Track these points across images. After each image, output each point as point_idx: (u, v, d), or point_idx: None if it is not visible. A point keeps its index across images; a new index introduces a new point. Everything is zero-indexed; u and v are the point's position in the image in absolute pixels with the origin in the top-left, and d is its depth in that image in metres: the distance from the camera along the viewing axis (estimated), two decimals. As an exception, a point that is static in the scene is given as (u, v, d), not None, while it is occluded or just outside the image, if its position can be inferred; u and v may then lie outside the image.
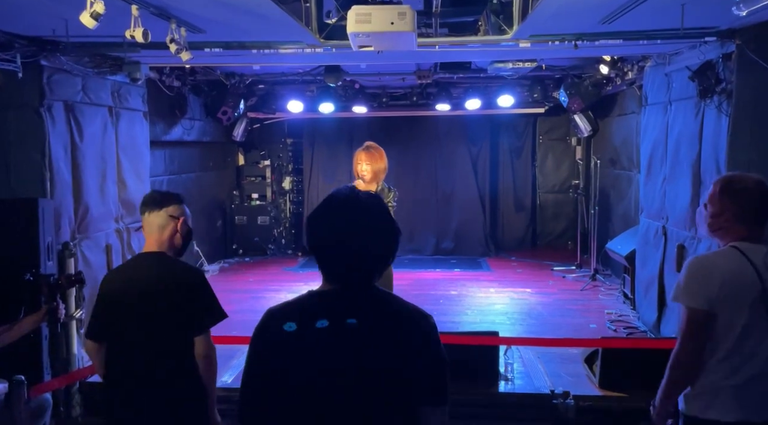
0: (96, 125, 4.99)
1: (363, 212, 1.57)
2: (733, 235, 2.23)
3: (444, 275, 8.28)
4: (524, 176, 9.94)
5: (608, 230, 7.95)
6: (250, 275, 8.24)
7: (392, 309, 1.57)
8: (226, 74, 7.20)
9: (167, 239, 2.49)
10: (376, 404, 1.50)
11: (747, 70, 3.93)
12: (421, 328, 1.54)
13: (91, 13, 2.59)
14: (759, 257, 2.18)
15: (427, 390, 1.52)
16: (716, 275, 2.15)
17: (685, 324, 2.19)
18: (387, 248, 1.60)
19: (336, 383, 1.50)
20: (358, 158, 4.49)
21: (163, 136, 7.09)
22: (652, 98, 5.71)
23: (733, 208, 2.21)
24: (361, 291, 1.57)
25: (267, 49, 4.50)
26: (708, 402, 2.18)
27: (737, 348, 2.15)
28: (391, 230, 1.60)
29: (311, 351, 1.51)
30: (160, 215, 2.49)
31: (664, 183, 5.37)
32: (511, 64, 5.77)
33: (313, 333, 1.53)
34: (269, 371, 1.53)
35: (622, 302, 6.67)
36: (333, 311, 1.55)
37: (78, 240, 4.67)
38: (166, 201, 2.52)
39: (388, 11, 2.84)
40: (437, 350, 1.54)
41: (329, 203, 1.62)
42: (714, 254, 2.25)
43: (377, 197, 1.64)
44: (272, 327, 1.56)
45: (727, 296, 2.14)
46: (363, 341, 1.51)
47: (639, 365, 4.14)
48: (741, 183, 2.26)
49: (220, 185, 9.32)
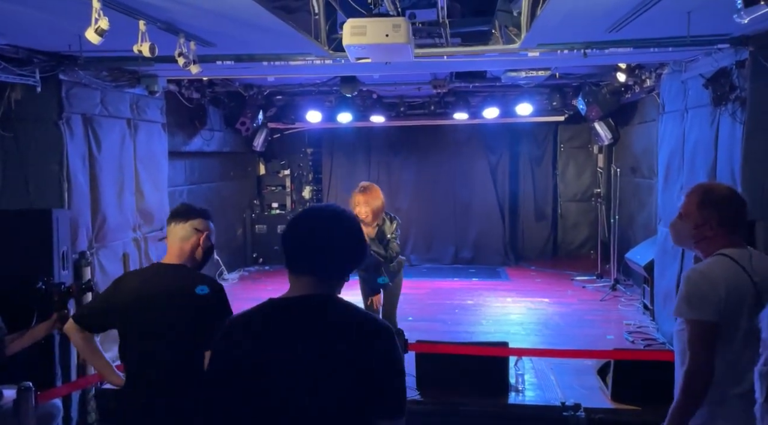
0: (114, 136, 5.13)
1: (337, 221, 1.62)
2: (716, 244, 2.23)
3: (462, 285, 8.23)
4: (545, 185, 9.83)
5: (629, 239, 7.81)
6: (269, 283, 8.33)
7: (351, 320, 1.59)
8: (245, 86, 7.32)
9: (188, 252, 2.52)
10: (332, 416, 1.51)
11: (760, 78, 3.84)
12: (379, 340, 1.55)
13: (96, 29, 2.66)
14: (746, 261, 2.18)
15: (383, 402, 1.53)
16: (719, 284, 2.13)
17: (697, 337, 2.14)
18: (352, 258, 1.63)
19: (292, 393, 1.51)
20: (355, 200, 4.51)
21: (183, 147, 7.24)
22: (669, 106, 5.62)
23: (717, 216, 2.22)
24: (319, 300, 1.59)
25: (277, 61, 4.57)
26: (714, 412, 2.15)
27: (740, 356, 2.13)
28: (357, 242, 1.64)
29: (268, 360, 1.53)
30: (184, 227, 2.53)
31: (681, 192, 5.25)
32: (524, 73, 5.74)
33: (270, 342, 1.55)
34: (226, 378, 1.56)
35: (641, 313, 6.54)
36: (291, 321, 1.57)
37: (95, 249, 4.79)
38: (193, 214, 2.57)
39: (382, 24, 2.87)
40: (393, 361, 1.55)
41: (309, 210, 1.71)
42: (709, 264, 2.22)
43: (353, 214, 1.70)
44: (231, 337, 1.59)
45: (729, 305, 2.12)
46: (320, 351, 1.52)
47: (653, 377, 4.05)
48: (719, 192, 2.28)
49: (241, 195, 9.46)
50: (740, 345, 2.13)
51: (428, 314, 6.72)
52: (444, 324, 6.39)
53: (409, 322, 6.02)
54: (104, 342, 4.56)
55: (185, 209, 2.61)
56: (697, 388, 2.14)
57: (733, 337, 2.13)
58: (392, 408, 1.54)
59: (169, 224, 2.57)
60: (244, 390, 1.53)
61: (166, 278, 2.48)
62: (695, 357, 2.14)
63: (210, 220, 2.60)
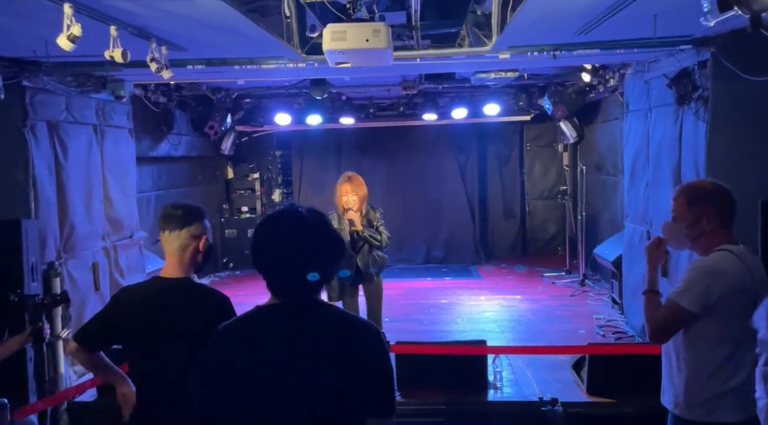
0: (80, 143, 5.00)
1: (303, 227, 1.59)
2: (716, 239, 2.27)
3: (435, 284, 8.30)
4: (513, 184, 10.00)
5: (596, 235, 8.00)
6: (241, 288, 8.21)
7: (337, 322, 1.61)
8: (212, 89, 7.23)
9: (189, 260, 2.34)
10: (323, 417, 1.53)
11: (722, 77, 3.99)
12: (367, 341, 1.58)
13: (68, 36, 2.60)
14: (747, 258, 2.24)
15: (373, 402, 1.56)
16: (722, 282, 2.19)
17: (668, 314, 2.24)
18: (328, 262, 1.63)
19: (283, 397, 1.52)
20: (342, 190, 4.55)
21: (150, 152, 7.10)
22: (633, 105, 5.79)
23: (711, 210, 2.26)
24: (306, 305, 1.60)
25: (249, 64, 4.53)
26: (713, 405, 2.22)
27: (738, 350, 2.20)
28: (332, 243, 1.63)
29: (258, 366, 1.54)
30: (181, 236, 2.31)
31: (647, 188, 5.43)
32: (493, 74, 5.83)
33: (259, 348, 1.56)
34: (219, 388, 1.56)
35: (610, 307, 6.71)
36: (279, 326, 1.58)
37: (64, 259, 4.66)
38: (188, 219, 2.33)
39: (362, 29, 2.88)
40: (382, 361, 1.58)
41: (272, 218, 1.65)
42: (719, 260, 2.25)
43: (319, 212, 1.65)
44: (221, 344, 1.59)
45: (727, 300, 2.18)
46: (309, 355, 1.54)
47: (626, 370, 4.17)
48: (704, 187, 2.35)
49: (210, 199, 9.32)
50: (737, 341, 2.19)
51: (404, 314, 6.75)
52: (420, 324, 6.44)
53: (386, 323, 6.02)
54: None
55: (179, 214, 2.34)
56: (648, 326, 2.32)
57: (730, 334, 2.20)
58: (383, 407, 1.57)
59: (163, 232, 2.34)
60: (236, 396, 1.53)
61: (168, 295, 2.30)
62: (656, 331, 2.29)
63: (205, 219, 2.40)
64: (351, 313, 1.72)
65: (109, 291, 5.08)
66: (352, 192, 4.52)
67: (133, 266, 5.64)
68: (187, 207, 2.39)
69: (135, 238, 5.80)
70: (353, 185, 4.55)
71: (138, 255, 5.79)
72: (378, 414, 1.56)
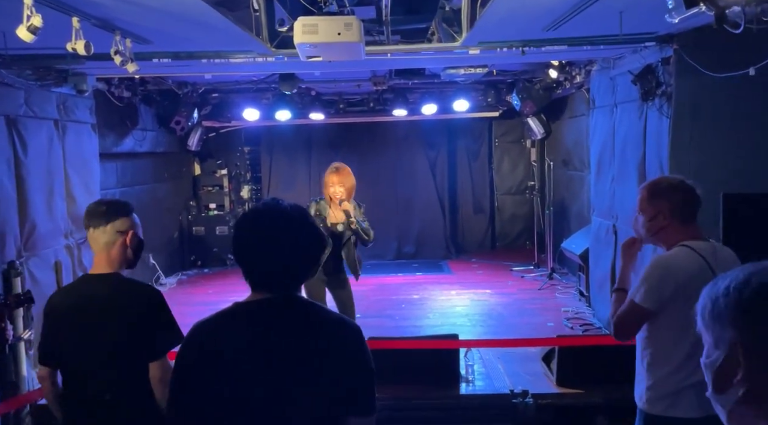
0: (41, 139, 4.84)
1: (285, 222, 1.57)
2: (676, 235, 2.30)
3: (406, 280, 8.33)
4: (482, 179, 10.09)
5: (564, 229, 8.14)
6: (209, 286, 8.11)
7: (317, 319, 1.59)
8: (178, 84, 7.08)
9: (117, 256, 2.32)
10: (302, 415, 1.51)
11: (685, 74, 4.09)
12: (347, 338, 1.56)
13: (28, 27, 2.50)
14: (710, 254, 2.26)
15: (353, 400, 1.53)
16: (675, 276, 2.21)
17: (627, 314, 2.29)
18: (310, 258, 1.61)
19: (262, 394, 1.50)
20: (329, 180, 4.43)
21: (114, 148, 6.93)
22: (599, 101, 5.89)
23: (668, 205, 2.29)
24: (286, 301, 1.57)
25: (217, 58, 4.46)
26: (672, 401, 2.25)
27: (697, 346, 2.22)
28: (314, 239, 1.61)
29: (237, 362, 1.52)
30: (106, 232, 2.30)
31: (612, 183, 5.54)
32: (463, 70, 5.85)
33: (238, 345, 1.53)
34: (195, 384, 1.53)
35: (578, 299, 6.83)
36: (258, 322, 1.55)
37: (25, 258, 4.51)
38: (113, 214, 2.31)
39: (334, 22, 2.85)
40: (363, 360, 1.56)
41: (253, 213, 1.64)
42: (673, 254, 2.29)
43: (300, 208, 1.64)
44: (197, 339, 1.57)
45: (683, 296, 2.19)
46: (287, 352, 1.52)
47: (594, 362, 4.26)
48: (666, 182, 2.38)
49: (176, 196, 9.15)
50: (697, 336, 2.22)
51: (376, 310, 6.75)
52: (392, 320, 6.45)
53: (357, 319, 6.03)
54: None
55: (103, 208, 2.34)
56: None
57: (688, 330, 2.19)
58: (364, 406, 1.54)
59: (88, 229, 2.32)
60: (214, 394, 1.50)
61: (100, 291, 2.27)
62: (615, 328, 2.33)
63: (132, 214, 2.37)
64: (331, 311, 1.69)
65: (73, 291, 4.94)
66: (339, 183, 4.40)
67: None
68: (112, 203, 2.39)
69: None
70: (340, 177, 4.42)
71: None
72: (358, 413, 1.53)
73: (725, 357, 0.93)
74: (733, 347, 0.92)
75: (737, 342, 0.91)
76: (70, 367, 2.32)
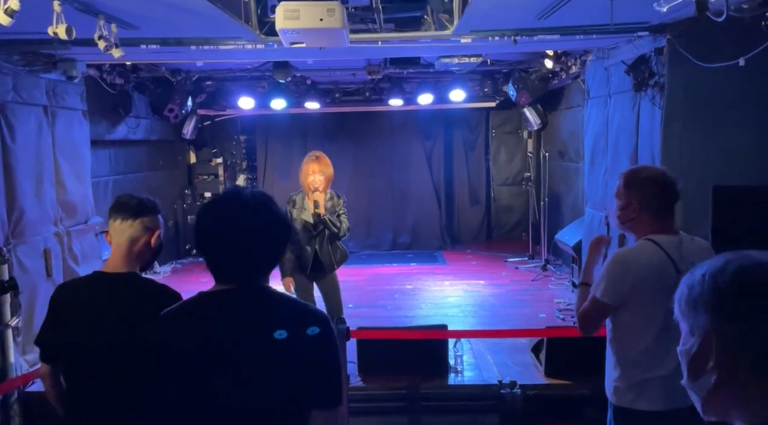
0: (30, 125, 4.80)
1: (246, 210, 1.54)
2: (644, 228, 2.27)
3: (400, 270, 8.32)
4: (478, 170, 10.05)
5: (558, 221, 8.12)
6: (204, 275, 7.94)
7: (283, 310, 1.56)
8: (172, 71, 7.03)
9: (137, 253, 2.19)
10: (263, 407, 1.49)
11: (677, 64, 4.05)
12: (314, 329, 1.52)
13: (5, 10, 2.47)
14: (673, 248, 2.23)
15: (315, 393, 1.51)
16: (633, 271, 2.20)
17: (590, 309, 2.29)
18: (273, 246, 1.59)
19: (222, 386, 1.48)
20: (309, 169, 4.37)
21: (106, 135, 6.89)
22: (594, 92, 5.85)
23: (639, 197, 2.25)
24: (248, 292, 1.55)
25: (206, 45, 4.41)
26: (637, 394, 2.25)
27: (659, 340, 2.21)
28: (277, 227, 1.58)
29: (197, 354, 1.50)
30: (133, 226, 2.17)
31: (605, 174, 5.51)
32: (456, 60, 5.80)
33: (198, 335, 1.51)
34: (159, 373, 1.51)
35: (571, 291, 6.82)
36: (219, 313, 1.53)
37: (12, 245, 4.49)
38: (144, 210, 2.20)
39: (316, 8, 2.81)
40: (329, 352, 1.54)
41: (214, 202, 1.61)
42: (633, 249, 2.29)
43: (264, 195, 1.60)
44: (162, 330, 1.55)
45: (643, 290, 2.18)
46: (247, 343, 1.49)
47: (582, 353, 4.25)
48: (644, 173, 2.34)
49: (171, 185, 9.12)
50: (658, 330, 2.20)
51: (369, 300, 6.75)
52: (384, 310, 6.44)
53: (350, 309, 6.02)
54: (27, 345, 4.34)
55: (135, 203, 2.20)
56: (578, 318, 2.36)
57: (649, 324, 2.21)
58: (327, 399, 1.52)
59: (114, 220, 2.18)
60: (178, 383, 1.49)
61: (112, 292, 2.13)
62: (580, 324, 2.34)
63: (160, 215, 2.27)
64: (300, 301, 1.67)
65: (62, 278, 4.92)
66: (319, 172, 4.35)
67: (88, 252, 5.48)
68: (143, 199, 2.25)
69: (90, 223, 5.63)
70: (320, 165, 4.37)
71: (93, 241, 5.63)
72: (321, 406, 1.51)
73: (699, 344, 0.92)
74: (706, 333, 0.91)
75: (711, 328, 0.90)
76: (75, 367, 2.19)
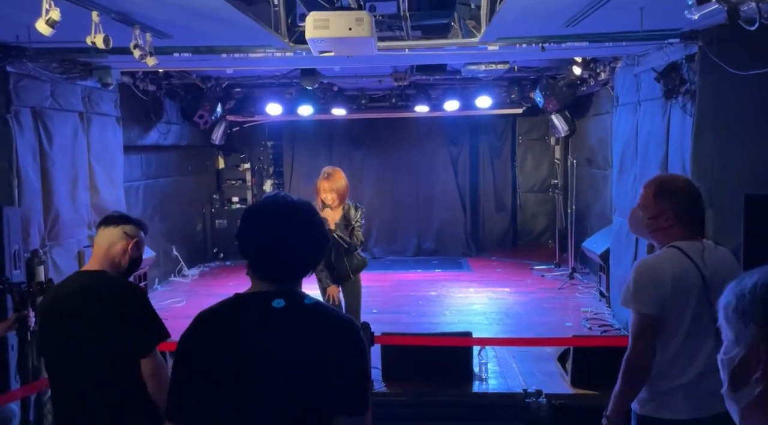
0: (66, 131, 4.96)
1: (294, 215, 1.58)
2: (671, 235, 2.26)
3: (425, 276, 8.31)
4: (504, 177, 9.99)
5: (586, 228, 8.02)
6: (230, 279, 8.21)
7: (314, 316, 1.58)
8: (202, 78, 7.17)
9: (113, 258, 2.33)
10: (290, 410, 1.51)
11: (709, 72, 3.99)
12: (343, 337, 1.54)
13: (47, 21, 2.57)
14: (698, 254, 2.21)
15: (342, 398, 1.51)
16: (665, 277, 2.17)
17: (638, 328, 2.20)
18: (315, 251, 1.62)
19: (251, 388, 1.51)
20: (321, 187, 4.49)
21: (138, 140, 7.06)
22: (623, 99, 5.78)
23: (673, 208, 2.24)
24: (285, 295, 1.57)
25: (237, 53, 4.50)
26: (661, 402, 2.21)
27: (684, 348, 2.18)
28: (320, 234, 1.63)
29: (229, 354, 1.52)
30: (113, 232, 2.34)
31: (635, 182, 5.43)
32: (483, 66, 5.80)
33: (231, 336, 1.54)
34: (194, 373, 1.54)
35: (598, 300, 6.74)
36: (254, 315, 1.56)
37: (48, 247, 4.63)
38: (127, 220, 2.40)
39: (345, 17, 2.85)
40: (358, 360, 1.54)
41: (260, 206, 1.65)
42: (659, 256, 2.26)
43: (309, 203, 1.65)
44: (196, 329, 1.58)
45: (675, 298, 2.16)
46: (280, 347, 1.52)
47: (610, 363, 4.15)
48: (675, 184, 2.32)
49: (200, 189, 9.28)
50: (683, 338, 2.17)
51: (393, 306, 6.76)
52: (408, 316, 6.45)
53: (374, 315, 6.05)
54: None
55: (119, 215, 2.44)
56: (634, 375, 2.21)
57: (676, 331, 2.18)
58: (354, 406, 1.52)
59: (98, 229, 2.39)
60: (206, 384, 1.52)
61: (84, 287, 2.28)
62: (634, 346, 2.20)
63: (144, 232, 2.42)
64: (330, 307, 1.69)
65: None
66: (330, 190, 4.46)
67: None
68: (129, 216, 2.49)
69: (122, 227, 5.77)
70: (330, 183, 4.47)
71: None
72: (348, 413, 1.51)
73: (745, 354, 0.90)
74: (754, 344, 0.89)
75: (759, 339, 0.88)
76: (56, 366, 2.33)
